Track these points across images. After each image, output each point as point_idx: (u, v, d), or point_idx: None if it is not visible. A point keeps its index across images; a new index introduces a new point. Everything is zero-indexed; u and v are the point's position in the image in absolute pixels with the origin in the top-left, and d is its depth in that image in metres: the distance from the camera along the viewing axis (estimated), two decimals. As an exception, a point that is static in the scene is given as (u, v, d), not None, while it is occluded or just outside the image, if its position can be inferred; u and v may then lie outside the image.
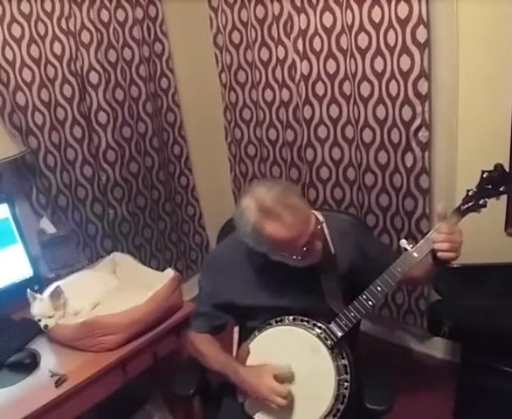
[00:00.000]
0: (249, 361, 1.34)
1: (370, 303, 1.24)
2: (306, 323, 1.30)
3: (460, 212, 1.19)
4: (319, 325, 1.28)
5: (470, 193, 1.20)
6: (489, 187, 1.19)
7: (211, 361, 1.39)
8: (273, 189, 1.19)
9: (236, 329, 1.62)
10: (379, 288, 1.23)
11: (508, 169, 1.70)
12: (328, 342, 1.25)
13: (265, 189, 1.20)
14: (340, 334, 1.25)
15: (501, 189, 1.19)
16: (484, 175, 1.20)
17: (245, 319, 1.44)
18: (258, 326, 1.36)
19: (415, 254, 1.20)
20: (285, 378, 1.26)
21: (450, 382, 1.87)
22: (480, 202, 1.19)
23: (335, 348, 1.26)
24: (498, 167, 1.20)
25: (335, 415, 1.23)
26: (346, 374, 1.25)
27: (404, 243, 1.24)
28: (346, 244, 1.36)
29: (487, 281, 1.74)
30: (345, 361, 1.26)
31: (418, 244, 1.21)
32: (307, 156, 2.24)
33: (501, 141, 1.71)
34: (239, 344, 1.48)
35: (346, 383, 1.24)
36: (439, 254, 1.17)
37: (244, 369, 1.31)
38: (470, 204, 1.19)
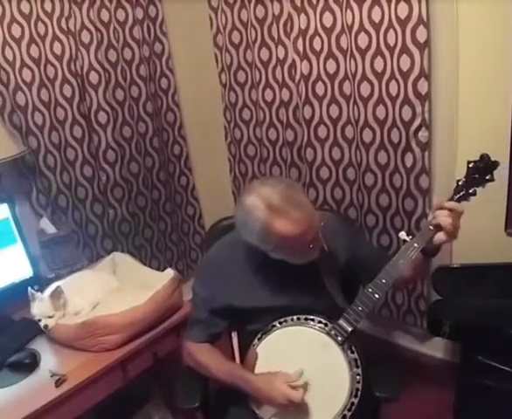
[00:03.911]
0: (258, 366, 1.32)
1: (376, 296, 1.24)
2: (311, 321, 1.30)
3: (454, 202, 1.23)
4: (325, 322, 1.29)
5: (460, 183, 1.25)
6: (476, 176, 1.24)
7: (215, 372, 1.35)
8: (277, 187, 1.20)
9: (234, 333, 1.58)
10: (384, 281, 1.24)
11: (508, 168, 1.72)
12: (339, 338, 1.26)
13: (270, 188, 1.21)
14: (350, 329, 1.25)
15: (487, 178, 1.24)
16: (470, 165, 1.26)
17: (243, 322, 1.41)
18: (258, 328, 1.35)
19: (415, 244, 1.22)
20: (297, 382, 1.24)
21: (450, 382, 1.87)
22: (470, 191, 1.24)
23: (345, 343, 1.26)
24: (484, 157, 1.25)
25: (349, 410, 1.23)
26: (357, 367, 1.25)
27: (403, 235, 1.26)
28: (338, 240, 1.38)
29: (487, 281, 1.74)
30: (355, 355, 1.26)
31: (418, 235, 1.24)
32: (307, 156, 2.24)
33: (501, 141, 1.71)
34: (240, 348, 1.47)
35: (358, 377, 1.24)
36: (440, 231, 1.18)
37: (254, 377, 1.28)
38: (462, 194, 1.24)
